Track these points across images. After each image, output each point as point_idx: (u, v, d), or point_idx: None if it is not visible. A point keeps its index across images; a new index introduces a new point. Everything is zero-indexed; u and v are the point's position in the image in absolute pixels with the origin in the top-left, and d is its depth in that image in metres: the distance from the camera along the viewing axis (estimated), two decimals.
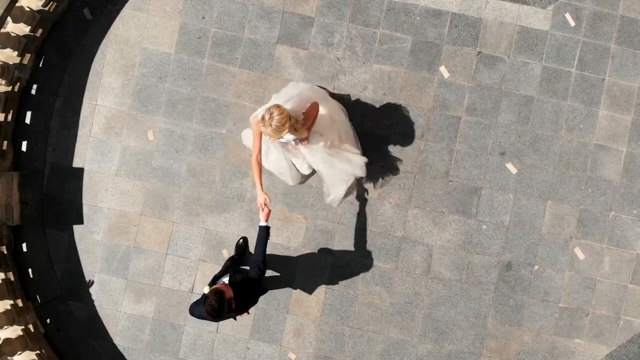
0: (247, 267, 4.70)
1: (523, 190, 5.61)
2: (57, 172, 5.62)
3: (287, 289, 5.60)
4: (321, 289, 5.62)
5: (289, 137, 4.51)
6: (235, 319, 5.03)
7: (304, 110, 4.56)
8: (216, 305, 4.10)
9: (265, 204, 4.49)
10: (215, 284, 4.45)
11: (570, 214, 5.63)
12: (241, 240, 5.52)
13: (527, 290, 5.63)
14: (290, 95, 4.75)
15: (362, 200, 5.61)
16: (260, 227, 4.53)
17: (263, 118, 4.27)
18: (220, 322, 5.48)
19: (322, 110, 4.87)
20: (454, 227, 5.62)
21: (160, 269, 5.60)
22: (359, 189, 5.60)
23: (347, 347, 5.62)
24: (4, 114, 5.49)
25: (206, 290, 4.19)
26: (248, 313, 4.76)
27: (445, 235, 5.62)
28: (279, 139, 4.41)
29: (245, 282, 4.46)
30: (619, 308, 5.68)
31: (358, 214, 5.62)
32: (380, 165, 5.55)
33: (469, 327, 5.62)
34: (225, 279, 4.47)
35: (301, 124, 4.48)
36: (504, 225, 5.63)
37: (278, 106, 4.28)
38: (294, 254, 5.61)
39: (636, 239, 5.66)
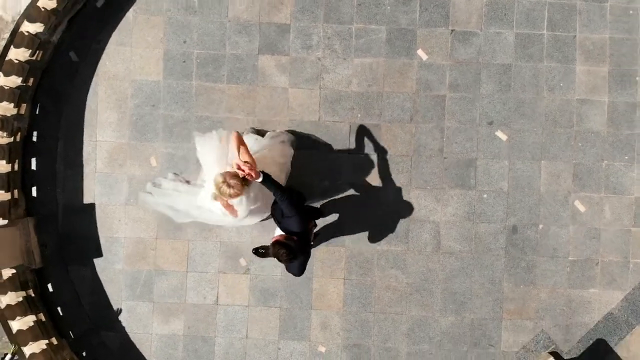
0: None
1: (516, 155, 5.82)
2: (70, 211, 5.83)
3: (307, 286, 5.80)
4: (339, 281, 5.83)
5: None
6: (313, 241, 5.12)
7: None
8: (285, 250, 4.37)
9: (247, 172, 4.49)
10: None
11: (565, 170, 5.83)
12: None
13: (536, 250, 5.82)
14: (211, 169, 4.88)
15: (365, 189, 5.81)
16: (262, 184, 4.56)
17: (220, 184, 4.44)
18: (248, 327, 5.70)
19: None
20: (456, 200, 5.82)
21: (183, 287, 5.81)
22: (361, 180, 5.81)
23: (373, 332, 5.82)
24: (10, 165, 5.69)
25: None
26: (316, 225, 5.04)
27: (449, 210, 5.82)
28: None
29: (285, 213, 4.61)
30: (626, 253, 5.87)
31: (363, 203, 5.82)
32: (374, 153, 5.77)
33: (486, 294, 5.82)
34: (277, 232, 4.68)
35: (249, 173, 4.51)
36: (504, 192, 5.83)
37: (218, 185, 4.43)
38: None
39: (632, 183, 5.85)
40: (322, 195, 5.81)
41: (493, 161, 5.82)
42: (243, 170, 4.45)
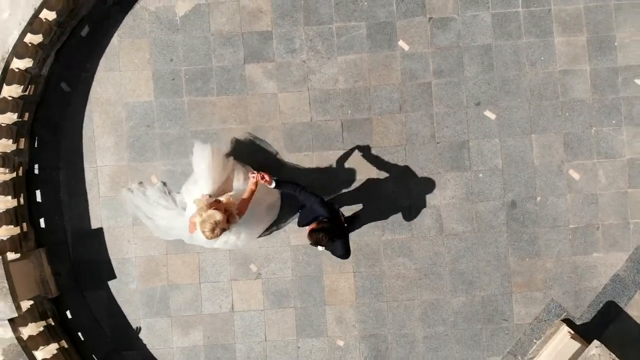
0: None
1: (506, 132, 5.94)
2: (79, 237, 5.95)
3: (319, 284, 5.93)
4: (349, 274, 5.95)
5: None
6: (344, 221, 5.26)
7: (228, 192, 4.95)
8: (322, 233, 4.56)
9: (260, 176, 4.80)
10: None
11: (556, 141, 5.96)
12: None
13: (537, 222, 5.95)
14: (203, 176, 5.10)
15: (364, 182, 5.93)
16: (277, 188, 4.90)
17: (196, 216, 4.60)
18: (266, 330, 5.84)
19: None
20: (454, 183, 5.95)
21: (198, 299, 5.93)
22: (359, 174, 5.94)
23: (388, 320, 5.94)
24: (15, 199, 5.82)
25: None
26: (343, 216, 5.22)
27: (448, 193, 5.94)
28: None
29: (307, 204, 4.88)
30: (625, 214, 5.99)
31: (363, 197, 5.94)
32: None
33: (493, 270, 5.94)
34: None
35: (233, 218, 4.72)
36: (499, 169, 5.95)
37: (204, 221, 4.54)
38: (316, 250, 5.93)
39: (622, 146, 5.98)
40: (322, 194, 5.93)
41: (485, 140, 5.94)
42: (263, 178, 4.78)
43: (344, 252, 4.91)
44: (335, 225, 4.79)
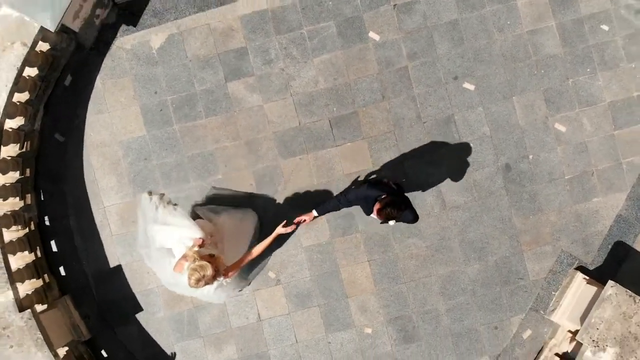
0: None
1: (488, 99, 6.13)
2: (100, 278, 6.13)
3: (337, 278, 6.11)
4: (365, 264, 6.13)
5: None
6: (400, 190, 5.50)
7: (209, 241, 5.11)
8: (390, 207, 4.71)
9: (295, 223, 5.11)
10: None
11: (537, 99, 6.15)
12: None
13: (533, 179, 6.14)
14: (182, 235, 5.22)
15: (362, 174, 6.12)
16: (321, 215, 5.22)
17: (186, 258, 4.77)
18: (296, 331, 6.03)
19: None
20: (446, 158, 6.13)
21: (224, 315, 6.11)
22: (355, 167, 6.12)
23: (409, 300, 6.12)
24: (32, 253, 6.00)
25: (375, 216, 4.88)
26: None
27: (443, 167, 6.13)
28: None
29: (358, 196, 5.08)
30: (616, 156, 6.18)
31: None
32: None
33: (500, 234, 6.13)
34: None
35: (222, 274, 4.87)
36: (487, 136, 6.14)
37: (194, 269, 4.68)
38: (328, 247, 6.13)
39: (600, 91, 6.17)
40: (323, 193, 6.12)
41: (469, 111, 6.13)
42: (304, 221, 5.15)
43: (414, 216, 5.05)
44: (396, 195, 4.92)
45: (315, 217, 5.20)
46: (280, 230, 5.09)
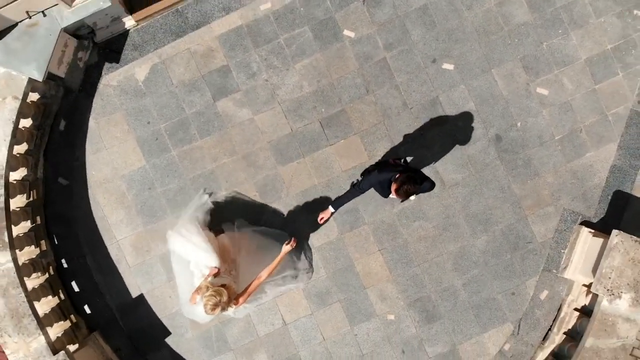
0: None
1: (467, 75, 6.30)
2: (125, 310, 6.30)
3: (352, 272, 6.27)
4: (377, 254, 6.30)
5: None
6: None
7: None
8: (407, 184, 4.80)
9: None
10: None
11: (515, 67, 6.32)
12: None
13: (525, 145, 6.31)
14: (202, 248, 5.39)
15: (359, 168, 6.28)
16: (338, 207, 5.39)
17: (200, 291, 4.91)
18: (321, 330, 6.19)
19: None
20: (438, 138, 6.30)
21: (251, 325, 6.27)
22: (352, 163, 6.29)
23: (425, 281, 6.29)
24: (56, 296, 6.16)
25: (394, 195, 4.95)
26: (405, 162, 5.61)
27: (436, 149, 6.30)
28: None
29: (370, 183, 5.21)
30: (600, 109, 6.35)
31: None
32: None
33: (502, 202, 6.30)
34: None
35: (233, 302, 5.01)
36: (474, 110, 6.31)
37: (211, 295, 4.83)
38: (339, 243, 6.29)
39: (575, 50, 6.34)
40: (326, 191, 6.29)
41: (452, 91, 6.30)
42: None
43: (430, 184, 5.16)
44: (410, 172, 5.01)
45: (332, 213, 5.36)
46: (286, 249, 5.16)
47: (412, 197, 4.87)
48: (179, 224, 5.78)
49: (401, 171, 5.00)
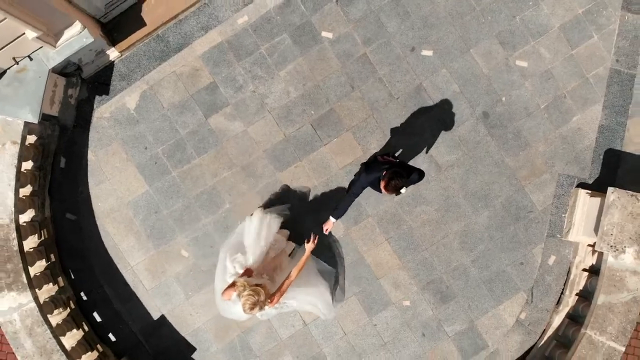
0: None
1: (448, 59, 6.45)
2: (149, 332, 6.44)
3: (363, 264, 6.42)
4: (384, 244, 6.45)
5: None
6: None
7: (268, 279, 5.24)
8: (394, 180, 4.92)
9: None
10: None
11: (492, 44, 6.47)
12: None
13: (512, 118, 6.46)
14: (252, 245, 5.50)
15: (356, 163, 6.43)
16: (340, 216, 5.47)
17: (235, 285, 4.96)
18: (341, 325, 6.34)
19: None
20: (428, 124, 6.45)
21: (272, 329, 6.43)
22: (348, 159, 6.44)
23: (435, 264, 6.44)
24: (80, 329, 6.31)
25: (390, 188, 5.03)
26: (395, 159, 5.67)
27: (427, 134, 6.45)
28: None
29: (362, 183, 5.33)
30: (580, 73, 6.50)
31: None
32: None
33: (498, 176, 6.45)
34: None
35: (268, 301, 5.02)
36: (458, 92, 6.46)
37: (250, 294, 4.87)
38: (346, 239, 6.44)
39: (548, 19, 6.49)
40: (327, 190, 6.44)
41: (434, 76, 6.46)
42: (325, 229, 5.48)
43: (419, 174, 5.30)
44: (396, 167, 5.14)
45: (334, 222, 5.48)
46: (310, 247, 5.25)
47: (403, 190, 5.05)
48: (271, 209, 5.99)
49: (387, 168, 5.12)
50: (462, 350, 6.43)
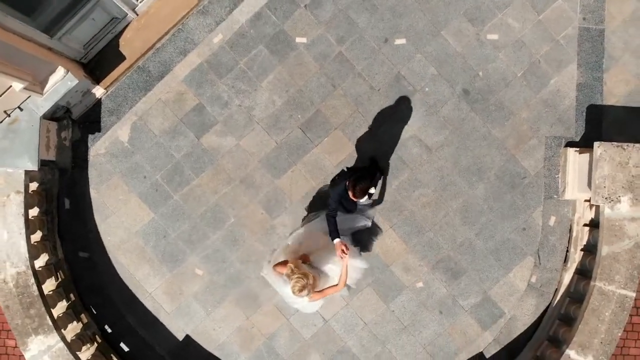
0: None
1: (420, 44, 6.63)
2: (176, 354, 6.61)
3: (373, 256, 6.60)
4: (390, 231, 6.63)
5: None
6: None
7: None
8: (361, 184, 5.17)
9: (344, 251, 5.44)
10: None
11: (461, 23, 6.65)
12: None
13: (492, 91, 6.64)
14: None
15: (350, 160, 6.61)
16: (338, 239, 5.53)
17: (286, 264, 5.14)
18: (361, 316, 6.54)
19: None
20: (413, 110, 6.63)
21: (295, 332, 6.60)
22: (340, 156, 6.62)
23: (441, 243, 6.62)
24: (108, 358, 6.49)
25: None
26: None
27: (413, 120, 6.63)
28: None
29: (333, 198, 5.56)
30: (550, 36, 6.67)
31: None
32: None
33: (488, 150, 6.62)
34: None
35: (312, 294, 5.21)
36: (436, 74, 6.64)
37: (299, 277, 5.03)
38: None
39: None
40: (324, 190, 6.61)
41: (410, 62, 6.64)
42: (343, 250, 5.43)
43: (379, 172, 5.62)
44: (355, 172, 5.38)
45: (340, 241, 5.48)
46: (346, 260, 5.39)
47: (373, 190, 5.24)
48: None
49: (346, 178, 5.38)
50: (481, 321, 6.60)
